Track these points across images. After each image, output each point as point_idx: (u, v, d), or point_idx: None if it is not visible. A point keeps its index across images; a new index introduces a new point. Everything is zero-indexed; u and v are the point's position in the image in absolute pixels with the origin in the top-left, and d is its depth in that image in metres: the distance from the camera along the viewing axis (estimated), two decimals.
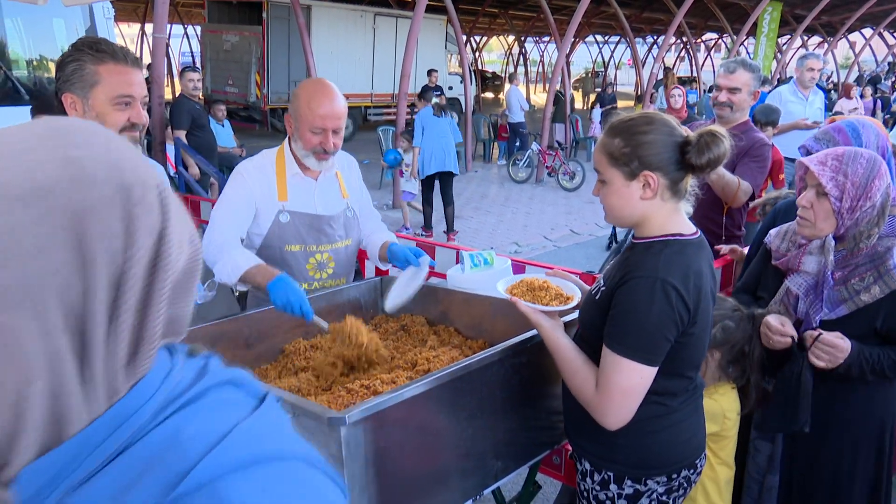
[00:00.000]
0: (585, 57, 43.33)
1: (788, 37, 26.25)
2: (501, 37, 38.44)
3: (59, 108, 1.92)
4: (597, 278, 2.14)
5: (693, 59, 24.01)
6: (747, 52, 22.86)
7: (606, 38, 38.24)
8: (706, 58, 33.73)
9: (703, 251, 1.67)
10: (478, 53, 33.56)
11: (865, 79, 18.80)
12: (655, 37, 32.93)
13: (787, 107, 6.06)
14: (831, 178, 1.93)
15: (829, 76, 24.82)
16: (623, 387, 1.58)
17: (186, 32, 28.02)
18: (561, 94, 13.91)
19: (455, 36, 14.98)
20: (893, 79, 22.96)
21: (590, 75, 33.63)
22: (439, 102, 8.64)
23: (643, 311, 1.55)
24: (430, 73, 13.39)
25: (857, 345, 1.95)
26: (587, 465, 1.79)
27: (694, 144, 1.59)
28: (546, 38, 37.56)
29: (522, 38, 34.40)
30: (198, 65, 16.74)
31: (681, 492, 1.77)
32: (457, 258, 2.96)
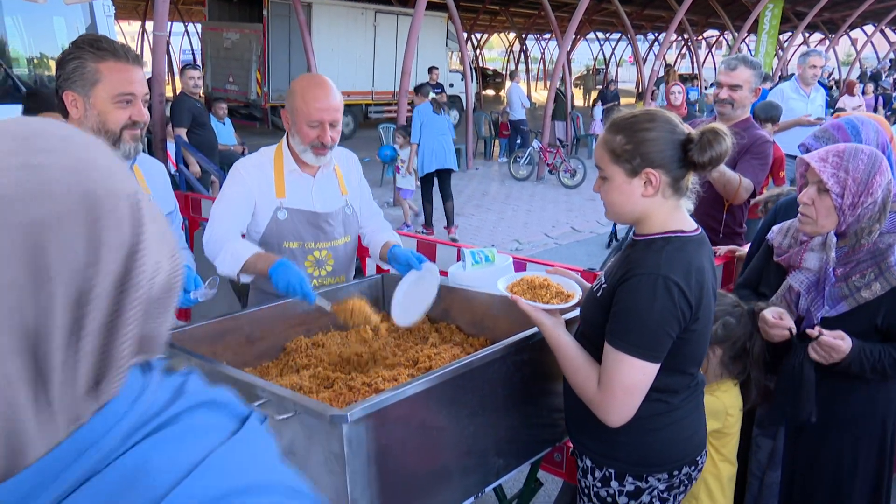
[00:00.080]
0: (586, 54, 43.25)
1: (790, 34, 26.21)
2: (502, 34, 38.39)
3: (59, 106, 1.92)
4: (598, 275, 2.14)
5: (694, 57, 24.00)
6: (748, 49, 22.86)
7: (608, 35, 38.19)
8: (707, 55, 33.72)
9: (704, 248, 1.66)
10: (479, 51, 33.59)
11: (867, 75, 18.76)
12: (657, 34, 32.89)
13: (789, 104, 6.04)
14: (832, 175, 1.93)
15: (831, 73, 24.79)
16: (625, 384, 1.58)
17: (187, 30, 28.02)
18: (562, 93, 13.89)
19: (456, 33, 14.98)
20: (895, 76, 22.91)
21: (591, 72, 33.56)
22: (437, 99, 8.60)
23: (645, 308, 1.55)
24: (430, 70, 13.37)
25: (857, 342, 1.95)
26: (588, 462, 1.79)
27: (696, 142, 1.59)
28: (547, 36, 37.48)
29: (523, 36, 34.38)
30: (198, 62, 16.70)
31: (682, 489, 1.78)
32: (458, 256, 2.95)
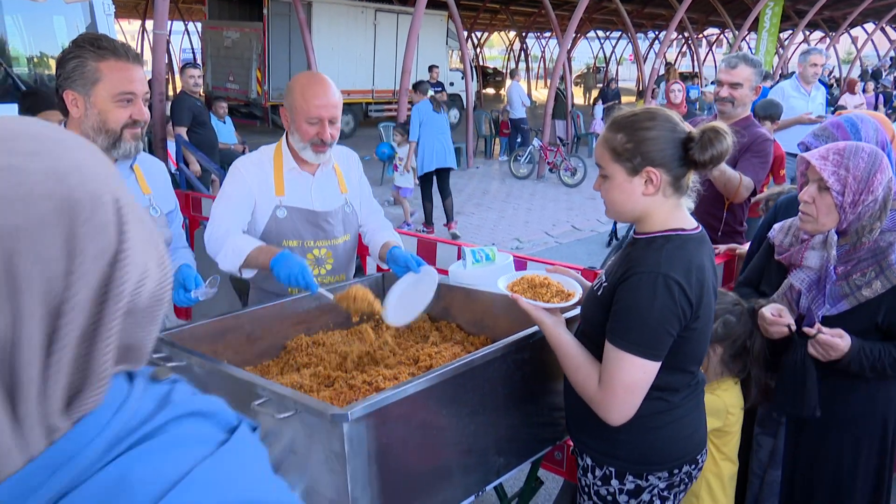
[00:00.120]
0: (587, 52, 43.22)
1: (790, 32, 26.19)
2: (503, 32, 38.38)
3: (60, 105, 1.92)
4: (598, 274, 2.14)
5: (695, 55, 23.98)
6: (749, 48, 22.84)
7: (608, 33, 38.18)
8: (708, 53, 33.70)
9: (704, 246, 1.66)
10: (479, 49, 33.56)
11: (868, 73, 18.75)
12: (657, 32, 32.86)
13: (790, 102, 6.03)
14: (833, 173, 1.93)
15: (831, 71, 24.76)
16: (626, 382, 1.58)
17: (187, 29, 28.00)
18: (562, 92, 13.88)
19: (456, 32, 14.95)
20: (895, 74, 22.89)
21: (591, 71, 33.57)
22: (437, 97, 8.58)
23: (646, 307, 1.55)
24: (430, 69, 13.38)
25: (857, 341, 1.95)
26: (589, 461, 1.79)
27: (697, 141, 1.58)
28: (547, 34, 37.48)
29: (524, 34, 34.35)
30: (198, 61, 16.73)
31: (682, 487, 1.78)
32: (458, 254, 2.95)
